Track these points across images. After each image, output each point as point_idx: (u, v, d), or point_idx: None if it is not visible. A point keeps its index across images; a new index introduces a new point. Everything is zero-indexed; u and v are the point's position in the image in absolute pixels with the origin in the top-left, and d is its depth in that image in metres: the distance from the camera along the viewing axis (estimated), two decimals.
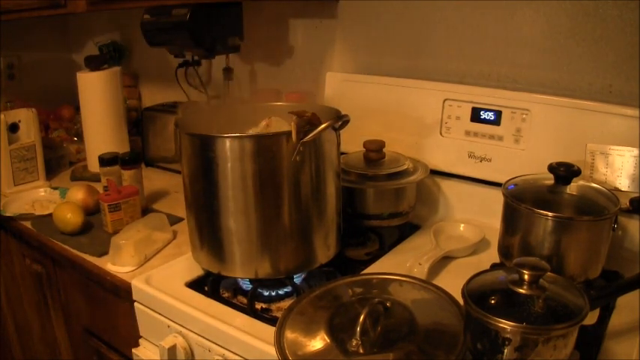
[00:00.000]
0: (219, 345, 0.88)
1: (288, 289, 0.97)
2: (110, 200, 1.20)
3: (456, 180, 1.20)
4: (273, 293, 0.97)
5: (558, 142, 1.05)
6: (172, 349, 0.92)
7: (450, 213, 1.23)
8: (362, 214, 1.13)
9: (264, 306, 0.94)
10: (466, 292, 0.70)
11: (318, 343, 0.72)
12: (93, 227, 1.25)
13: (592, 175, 1.01)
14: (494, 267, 0.96)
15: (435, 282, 0.91)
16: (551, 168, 0.92)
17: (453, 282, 0.79)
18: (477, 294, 0.70)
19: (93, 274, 1.11)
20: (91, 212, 1.29)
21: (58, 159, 1.68)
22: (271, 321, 0.87)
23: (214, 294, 0.96)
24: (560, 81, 1.08)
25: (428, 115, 1.20)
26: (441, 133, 1.20)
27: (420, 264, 0.98)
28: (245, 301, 0.94)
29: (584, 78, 1.06)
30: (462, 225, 1.15)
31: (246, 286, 0.98)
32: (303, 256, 0.95)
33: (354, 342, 0.70)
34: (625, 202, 0.91)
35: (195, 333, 0.91)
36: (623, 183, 0.99)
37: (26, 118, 1.48)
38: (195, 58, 1.44)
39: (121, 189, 1.24)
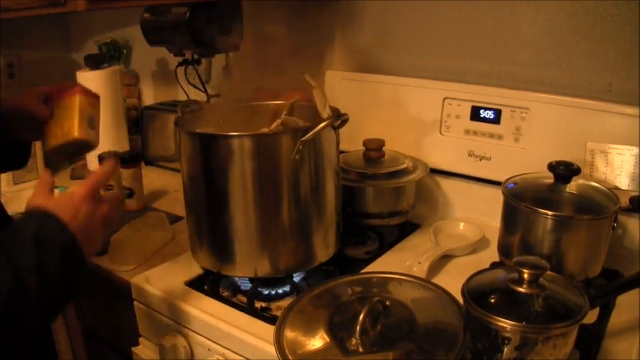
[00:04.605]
0: (219, 344, 0.88)
1: (287, 287, 0.97)
2: None
3: (455, 179, 1.20)
4: (273, 292, 0.97)
5: (558, 141, 1.05)
6: (172, 348, 0.92)
7: (450, 212, 1.23)
8: (361, 213, 1.13)
9: (263, 305, 0.94)
10: (466, 290, 0.70)
11: (317, 341, 0.72)
12: None
13: (592, 174, 1.01)
14: (493, 266, 0.96)
15: (435, 281, 0.91)
16: (551, 167, 0.92)
17: (453, 281, 0.79)
18: (476, 293, 0.70)
19: (92, 273, 1.11)
20: None
21: None
22: (271, 320, 0.87)
23: (214, 293, 0.96)
24: (560, 79, 1.08)
25: (427, 114, 1.20)
26: (440, 132, 1.20)
27: (419, 263, 0.98)
28: (245, 300, 0.94)
29: (583, 76, 1.05)
30: (462, 224, 1.15)
31: (246, 284, 0.98)
32: (302, 255, 0.95)
33: (354, 341, 0.70)
34: (625, 201, 0.92)
35: (195, 332, 0.91)
36: (623, 182, 0.99)
37: None
38: (195, 56, 1.44)
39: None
